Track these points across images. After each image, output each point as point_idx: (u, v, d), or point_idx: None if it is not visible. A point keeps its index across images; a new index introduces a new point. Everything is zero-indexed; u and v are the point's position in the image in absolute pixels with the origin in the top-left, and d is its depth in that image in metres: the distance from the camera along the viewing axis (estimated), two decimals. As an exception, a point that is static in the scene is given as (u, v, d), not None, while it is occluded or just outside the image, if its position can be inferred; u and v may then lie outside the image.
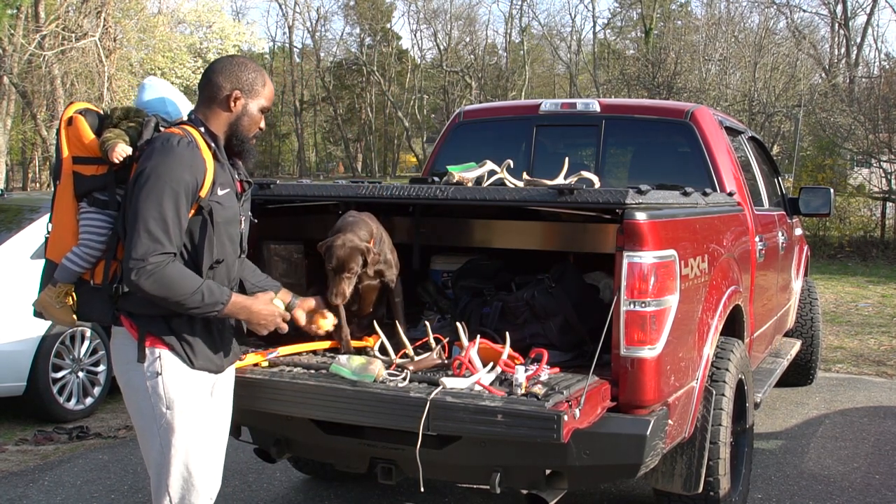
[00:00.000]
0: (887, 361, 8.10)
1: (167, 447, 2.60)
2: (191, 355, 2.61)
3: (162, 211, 2.47)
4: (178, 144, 2.53)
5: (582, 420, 2.75)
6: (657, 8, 37.65)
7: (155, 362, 2.57)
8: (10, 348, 5.56)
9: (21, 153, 33.97)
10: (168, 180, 2.48)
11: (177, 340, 2.59)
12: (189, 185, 2.51)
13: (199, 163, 2.55)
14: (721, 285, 3.74)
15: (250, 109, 2.72)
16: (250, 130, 2.76)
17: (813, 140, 20.91)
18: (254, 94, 2.73)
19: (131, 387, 2.63)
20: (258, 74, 2.74)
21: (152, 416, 2.59)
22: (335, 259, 3.31)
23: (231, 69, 2.71)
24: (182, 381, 2.60)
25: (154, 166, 2.50)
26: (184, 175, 2.50)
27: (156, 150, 2.53)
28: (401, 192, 3.59)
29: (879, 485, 4.75)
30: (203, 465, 2.66)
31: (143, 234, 2.45)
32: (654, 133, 4.95)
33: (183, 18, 23.79)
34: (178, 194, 2.49)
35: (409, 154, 47.29)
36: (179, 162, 2.51)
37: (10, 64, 18.96)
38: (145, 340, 2.57)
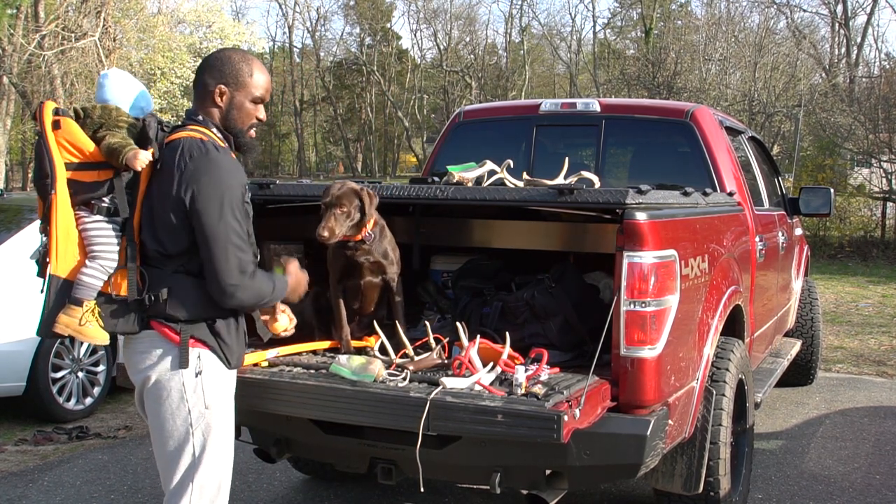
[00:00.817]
0: (888, 361, 8.10)
1: (202, 447, 2.57)
2: (229, 355, 2.62)
3: (234, 226, 2.50)
4: (218, 151, 2.54)
5: (582, 420, 2.75)
6: (657, 8, 37.65)
7: (196, 362, 2.56)
8: (10, 348, 5.56)
9: (21, 153, 33.99)
10: (231, 193, 2.50)
11: (216, 342, 2.59)
12: (242, 189, 2.56)
13: (243, 173, 2.59)
14: (721, 285, 3.73)
15: (238, 102, 2.65)
16: (243, 123, 2.69)
17: (813, 140, 20.91)
18: (240, 86, 2.65)
19: (163, 388, 2.55)
20: (244, 64, 2.66)
21: (187, 416, 2.55)
22: (329, 195, 3.29)
23: (214, 64, 2.66)
24: (220, 381, 2.62)
25: (210, 182, 2.49)
26: (234, 182, 2.53)
27: (200, 162, 2.50)
28: (401, 192, 3.59)
29: (880, 485, 4.75)
30: (228, 463, 2.69)
31: (230, 256, 2.49)
32: (654, 133, 4.95)
33: (183, 18, 23.81)
34: (239, 202, 2.53)
35: (409, 154, 47.29)
36: (227, 170, 2.52)
37: (10, 64, 18.96)
38: (188, 343, 2.54)
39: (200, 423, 2.57)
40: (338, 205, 3.28)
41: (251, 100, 2.68)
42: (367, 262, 3.47)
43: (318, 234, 3.26)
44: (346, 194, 3.30)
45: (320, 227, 3.26)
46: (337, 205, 3.28)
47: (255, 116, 2.71)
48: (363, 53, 45.96)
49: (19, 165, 36.48)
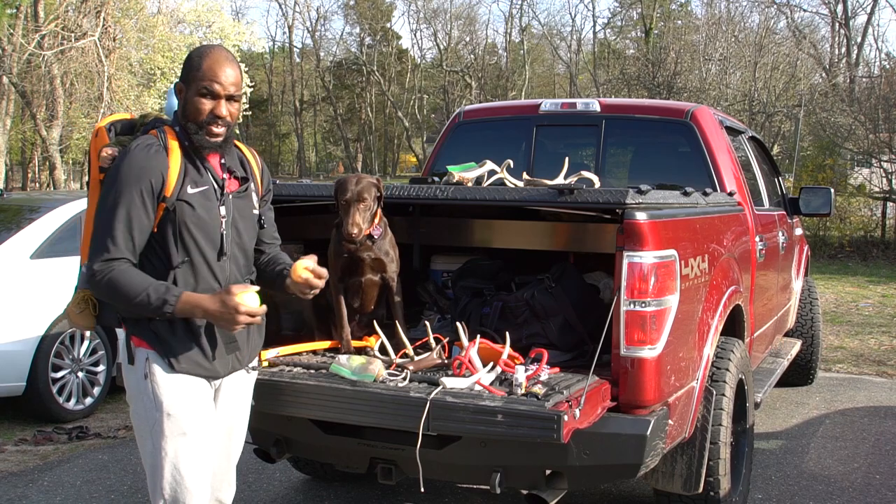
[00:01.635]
0: (888, 361, 8.10)
1: (158, 449, 2.55)
2: (171, 359, 2.55)
3: (111, 217, 2.47)
4: (135, 148, 2.52)
5: (582, 420, 2.75)
6: (657, 8, 37.68)
7: (144, 364, 2.56)
8: (10, 348, 5.56)
9: (21, 153, 33.97)
10: (120, 185, 2.48)
11: (157, 344, 2.55)
12: (143, 188, 2.48)
13: (156, 163, 2.51)
14: (721, 285, 3.73)
15: (189, 97, 2.57)
16: (194, 119, 2.56)
17: (813, 140, 20.92)
18: (190, 80, 2.57)
19: (128, 388, 2.64)
20: (197, 58, 2.58)
21: (145, 417, 2.57)
22: (349, 191, 3.29)
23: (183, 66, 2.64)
24: (169, 385, 2.55)
25: (112, 171, 2.54)
26: (135, 177, 2.48)
27: (119, 155, 2.57)
28: (401, 192, 3.59)
29: (880, 485, 4.75)
30: (196, 471, 2.58)
31: (94, 241, 2.51)
32: (654, 133, 4.95)
33: (182, 18, 23.78)
34: (130, 199, 2.47)
35: (409, 154, 47.30)
36: (131, 165, 2.49)
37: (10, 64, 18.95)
38: (131, 341, 2.58)
39: (153, 425, 2.55)
40: (360, 199, 3.30)
41: (198, 93, 2.55)
42: (369, 258, 3.47)
43: (347, 232, 3.27)
44: (365, 188, 3.31)
45: (349, 224, 3.27)
46: (359, 199, 3.29)
47: (210, 111, 2.55)
48: (363, 53, 45.98)
49: (19, 165, 36.47)
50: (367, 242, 3.43)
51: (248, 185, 2.73)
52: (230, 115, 2.58)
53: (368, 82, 47.28)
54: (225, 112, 2.56)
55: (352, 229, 3.26)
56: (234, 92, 2.58)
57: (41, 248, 5.89)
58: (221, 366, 2.66)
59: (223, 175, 2.65)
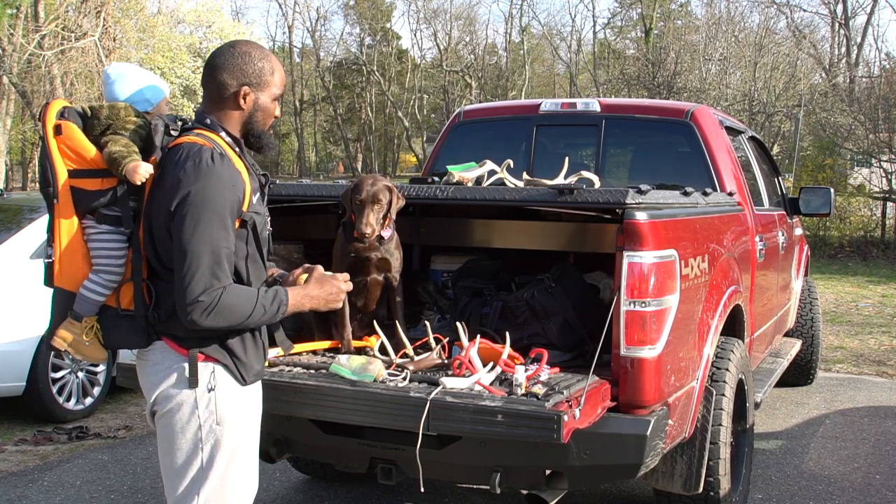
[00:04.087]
0: (888, 361, 8.10)
1: (210, 463, 2.46)
2: (244, 373, 2.49)
3: (214, 243, 2.31)
4: (213, 162, 2.34)
5: (582, 420, 2.75)
6: (657, 8, 37.66)
7: (209, 376, 2.44)
8: (10, 348, 5.56)
9: (21, 153, 33.99)
10: (213, 206, 2.31)
11: (230, 359, 2.46)
12: (234, 205, 2.37)
13: (238, 177, 2.39)
14: (721, 285, 3.73)
15: (262, 103, 2.51)
16: (266, 124, 2.56)
17: (813, 140, 20.92)
18: (263, 86, 2.50)
19: (175, 404, 2.44)
20: (265, 62, 2.51)
21: (197, 431, 2.44)
22: (364, 191, 3.32)
23: (234, 62, 2.47)
24: (235, 398, 2.49)
25: (194, 192, 2.30)
26: (227, 196, 2.34)
27: (191, 172, 2.32)
28: (401, 191, 3.58)
29: (880, 485, 4.75)
30: (238, 480, 2.53)
31: (197, 273, 2.29)
32: (654, 133, 4.95)
33: (182, 18, 23.81)
34: (226, 220, 2.34)
35: (409, 154, 47.30)
36: (220, 183, 2.33)
37: (10, 64, 18.97)
38: (197, 358, 2.42)
39: (210, 438, 2.45)
40: (374, 201, 3.34)
41: (273, 98, 2.54)
42: (375, 258, 3.48)
43: (361, 231, 3.29)
44: (380, 190, 3.35)
45: (362, 224, 3.30)
46: (374, 201, 3.34)
47: (274, 115, 2.57)
48: (363, 53, 45.97)
49: (19, 165, 36.48)
50: (375, 243, 3.45)
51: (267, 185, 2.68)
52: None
53: (368, 82, 47.27)
54: (279, 112, 2.61)
55: (365, 229, 3.30)
56: None
57: (41, 248, 5.89)
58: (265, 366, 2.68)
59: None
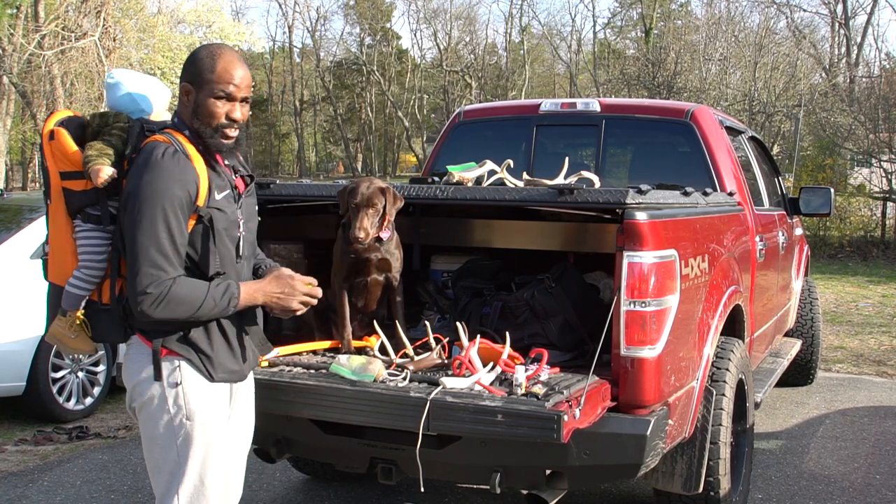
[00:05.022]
0: (888, 361, 8.10)
1: (184, 458, 2.50)
2: (210, 369, 2.51)
3: (157, 236, 2.35)
4: (163, 157, 2.39)
5: (582, 420, 2.75)
6: (657, 8, 37.67)
7: (174, 373, 2.48)
8: (10, 348, 5.56)
9: (21, 153, 34.00)
10: (158, 200, 2.35)
11: (195, 354, 2.49)
12: (182, 199, 2.38)
13: (190, 172, 2.41)
14: (721, 285, 3.73)
15: (199, 100, 2.47)
16: (209, 124, 2.48)
17: (813, 140, 20.92)
18: (201, 83, 2.47)
19: (146, 396, 2.51)
20: (209, 59, 2.47)
21: (170, 426, 2.50)
22: (360, 194, 3.29)
23: (186, 63, 2.51)
24: (202, 393, 2.51)
25: (141, 186, 2.37)
26: (174, 190, 2.37)
27: (140, 167, 2.40)
28: (401, 192, 3.59)
29: (880, 485, 4.75)
30: (217, 476, 2.57)
31: (143, 265, 2.34)
32: (654, 133, 4.95)
33: (182, 18, 23.81)
34: (173, 213, 2.37)
35: (409, 154, 47.30)
36: (168, 176, 2.37)
37: (10, 64, 18.97)
38: (161, 354, 2.47)
39: (181, 433, 2.49)
40: (369, 204, 3.31)
41: (214, 96, 2.47)
42: (375, 259, 3.48)
43: (354, 236, 3.27)
44: (375, 193, 3.32)
45: (355, 229, 3.28)
46: (368, 204, 3.30)
47: (226, 115, 2.48)
48: (363, 53, 45.96)
49: (19, 165, 36.48)
50: (375, 244, 3.44)
51: (251, 185, 2.69)
52: (243, 116, 2.54)
53: (368, 82, 47.27)
54: (240, 115, 2.52)
55: (358, 233, 3.28)
56: (247, 94, 2.54)
57: (41, 248, 5.89)
58: (248, 367, 2.66)
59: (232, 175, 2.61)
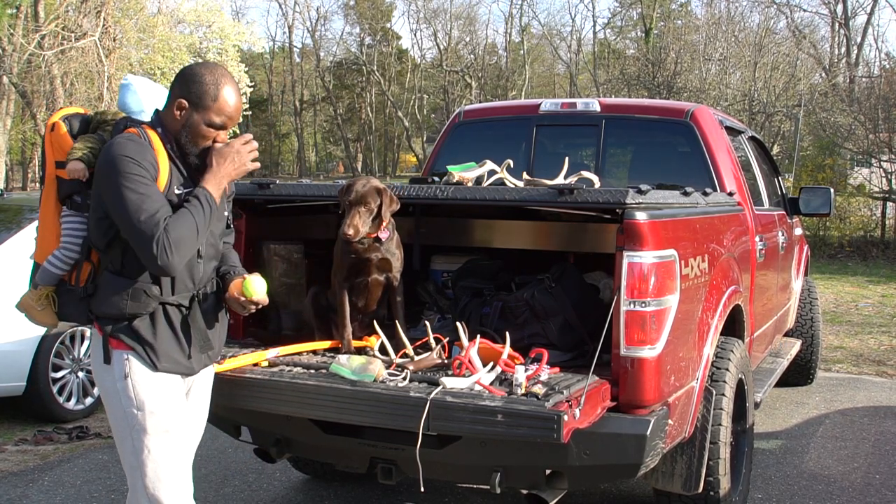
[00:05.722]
0: (887, 361, 8.10)
1: (139, 448, 2.58)
2: (153, 358, 2.58)
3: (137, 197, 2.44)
4: (122, 139, 2.52)
5: (582, 420, 2.75)
6: (657, 8, 37.67)
7: (123, 364, 2.57)
8: (10, 348, 5.55)
9: (21, 153, 34.00)
10: (126, 168, 2.45)
11: (138, 343, 2.56)
12: (142, 165, 2.47)
13: (149, 155, 2.52)
14: (721, 285, 3.73)
15: (193, 121, 2.58)
16: (193, 142, 2.61)
17: (813, 140, 20.92)
18: (200, 107, 2.57)
19: (103, 388, 2.65)
20: (212, 87, 2.57)
21: (124, 417, 2.59)
22: (354, 192, 3.30)
23: (186, 77, 2.60)
24: (150, 383, 2.58)
25: (108, 163, 2.48)
26: (140, 162, 2.47)
27: (104, 151, 2.54)
28: (401, 192, 3.59)
29: (880, 485, 4.75)
30: (177, 466, 2.63)
31: (138, 225, 2.43)
32: (654, 133, 4.95)
33: (182, 18, 23.79)
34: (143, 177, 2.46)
35: (409, 154, 47.31)
36: (130, 152, 2.48)
37: (10, 64, 18.97)
38: (109, 342, 2.58)
39: (134, 423, 2.57)
40: (362, 202, 3.30)
41: (207, 123, 2.59)
42: (375, 259, 3.48)
43: (343, 233, 3.28)
44: (369, 192, 3.32)
45: (345, 226, 3.28)
46: (361, 203, 3.30)
47: (206, 140, 2.61)
48: (363, 53, 45.97)
49: (19, 165, 36.49)
50: (375, 244, 3.44)
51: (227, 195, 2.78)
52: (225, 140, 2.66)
53: (368, 82, 47.28)
54: (224, 138, 2.65)
55: (347, 230, 3.27)
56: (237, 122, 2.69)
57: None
58: (196, 363, 2.71)
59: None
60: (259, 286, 2.70)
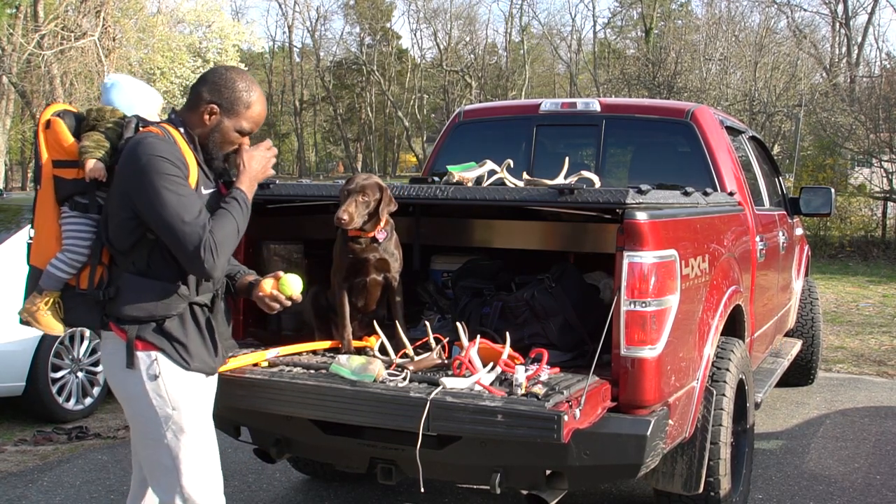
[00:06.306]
0: (888, 361, 8.10)
1: (177, 448, 2.54)
2: (186, 357, 2.56)
3: (178, 201, 2.42)
4: (157, 140, 2.49)
5: (582, 420, 2.75)
6: (657, 7, 37.66)
7: (152, 365, 2.53)
8: (10, 348, 5.55)
9: (20, 153, 34.01)
10: (162, 170, 2.42)
11: (169, 343, 2.54)
12: (174, 165, 2.45)
13: (182, 158, 2.50)
14: (722, 285, 3.73)
15: (224, 127, 2.60)
16: (221, 147, 2.63)
17: (814, 140, 20.91)
18: (233, 113, 2.60)
19: (128, 392, 2.58)
20: (245, 94, 2.61)
21: (157, 419, 2.54)
22: (354, 182, 3.32)
23: (217, 82, 2.61)
24: (183, 382, 2.56)
25: (142, 166, 2.44)
26: (169, 156, 2.45)
27: (132, 148, 2.49)
28: (401, 192, 3.58)
29: (880, 485, 4.74)
30: (212, 463, 2.63)
31: (182, 227, 2.41)
32: (654, 133, 4.95)
33: (182, 18, 23.82)
34: (179, 178, 2.45)
35: (409, 154, 47.29)
36: (162, 153, 2.45)
37: (10, 63, 18.97)
38: (136, 345, 2.52)
39: (170, 424, 2.54)
40: (360, 192, 3.31)
41: (237, 129, 2.62)
42: (374, 258, 3.48)
43: (337, 217, 3.27)
44: (370, 185, 3.33)
45: (340, 211, 3.27)
46: (359, 192, 3.31)
47: (233, 145, 2.65)
48: (363, 53, 45.95)
49: (19, 165, 36.51)
50: (373, 244, 3.44)
51: None
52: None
53: (368, 82, 47.26)
54: (247, 143, 2.69)
55: (342, 215, 3.25)
56: None
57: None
58: (218, 363, 2.72)
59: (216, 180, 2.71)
60: (296, 284, 2.74)
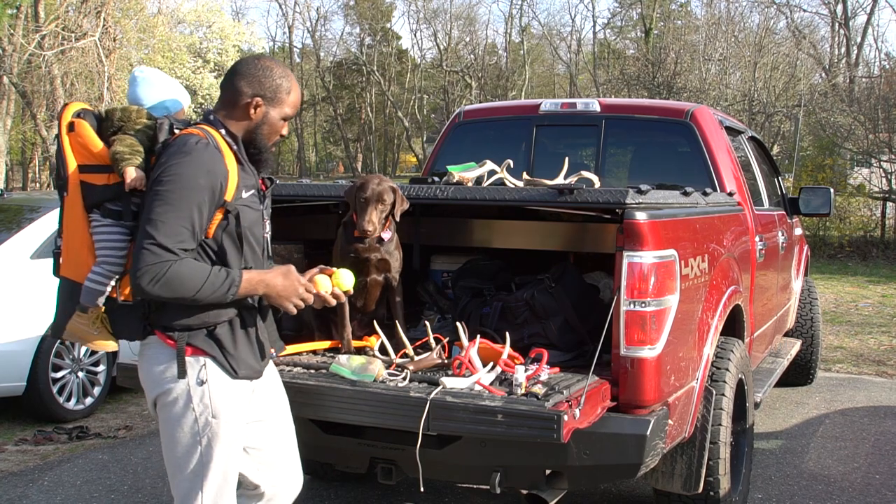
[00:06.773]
0: (887, 361, 8.10)
1: (209, 456, 2.52)
2: (234, 365, 2.52)
3: (175, 217, 2.35)
4: (196, 146, 2.41)
5: (582, 420, 2.75)
6: (657, 8, 37.64)
7: (201, 371, 2.49)
8: (10, 348, 5.56)
9: (21, 153, 34.02)
10: (185, 185, 2.36)
11: (219, 350, 2.50)
12: (209, 189, 2.40)
13: (221, 166, 2.44)
14: (721, 285, 3.73)
15: (271, 117, 2.58)
16: (270, 139, 2.62)
17: (813, 140, 20.92)
18: (277, 102, 2.58)
19: (172, 397, 2.51)
20: (284, 80, 2.59)
21: (195, 425, 2.50)
22: (370, 189, 3.35)
23: (255, 73, 2.56)
24: (227, 391, 2.53)
25: (171, 170, 2.38)
26: (201, 180, 2.38)
27: (173, 154, 2.42)
28: (401, 191, 3.59)
29: (880, 485, 4.75)
30: (235, 478, 2.61)
31: (151, 241, 2.33)
32: (654, 133, 4.95)
33: (183, 18, 23.83)
34: (196, 201, 2.38)
35: (409, 154, 47.29)
36: (198, 165, 2.39)
37: (10, 64, 18.97)
38: (185, 352, 2.48)
39: (207, 431, 2.50)
40: (379, 200, 3.36)
41: (282, 117, 2.61)
42: (375, 259, 3.49)
43: (363, 228, 3.32)
44: (384, 190, 3.38)
45: (364, 221, 3.32)
46: (378, 199, 3.36)
47: (279, 133, 2.64)
48: (363, 53, 45.94)
49: (19, 165, 36.50)
50: (375, 245, 3.46)
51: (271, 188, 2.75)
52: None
53: (368, 82, 47.24)
54: (287, 132, 2.70)
55: (367, 226, 3.32)
56: None
57: (41, 248, 5.89)
58: (263, 366, 2.69)
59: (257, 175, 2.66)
60: (349, 279, 2.73)
